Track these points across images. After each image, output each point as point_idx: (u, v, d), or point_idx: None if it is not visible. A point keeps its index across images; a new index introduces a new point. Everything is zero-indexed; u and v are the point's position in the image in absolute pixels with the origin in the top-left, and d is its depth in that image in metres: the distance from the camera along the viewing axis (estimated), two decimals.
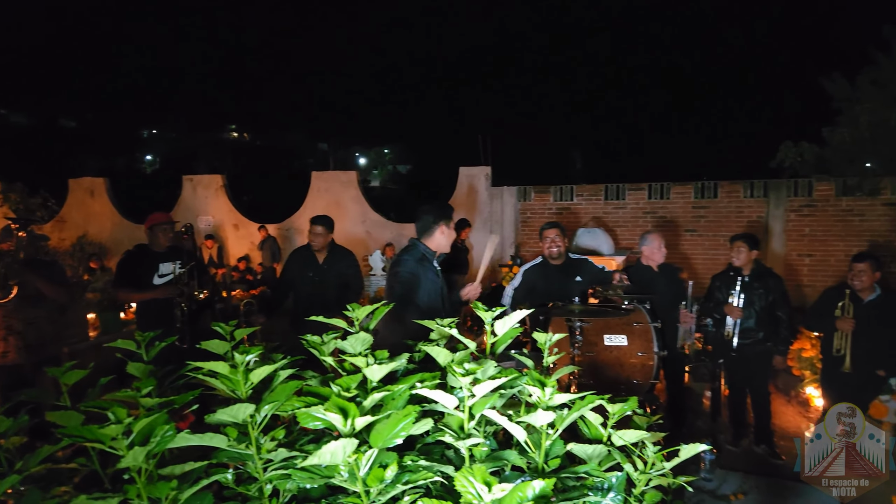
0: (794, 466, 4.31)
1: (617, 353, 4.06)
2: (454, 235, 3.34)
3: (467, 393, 1.06)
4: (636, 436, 1.18)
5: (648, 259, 4.81)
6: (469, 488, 0.86)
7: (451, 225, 3.31)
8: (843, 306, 4.24)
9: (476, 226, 10.54)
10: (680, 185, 9.91)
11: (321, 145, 18.77)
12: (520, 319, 1.38)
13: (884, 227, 8.94)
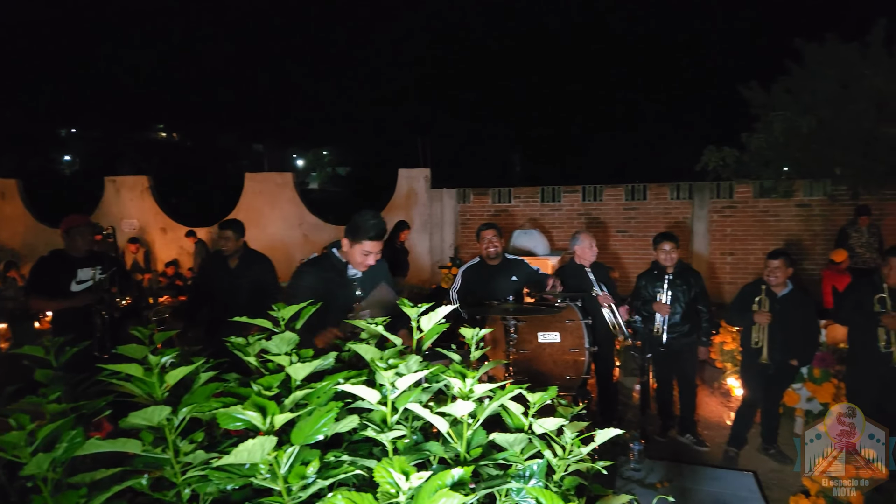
0: (718, 453, 4.59)
1: (550, 349, 4.17)
2: (358, 257, 2.98)
3: (390, 387, 1.07)
4: (555, 423, 1.22)
5: (580, 258, 4.96)
6: (388, 479, 0.87)
7: (354, 246, 2.96)
8: (759, 301, 4.49)
9: (416, 228, 10.56)
10: (612, 187, 10.27)
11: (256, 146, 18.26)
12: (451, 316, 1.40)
13: (797, 227, 9.58)
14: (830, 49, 9.39)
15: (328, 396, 1.13)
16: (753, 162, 9.97)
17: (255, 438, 0.91)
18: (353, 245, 2.97)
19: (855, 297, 4.16)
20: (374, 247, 2.98)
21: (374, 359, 1.14)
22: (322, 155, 30.00)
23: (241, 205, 11.77)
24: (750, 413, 4.59)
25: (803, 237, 9.53)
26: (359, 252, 2.96)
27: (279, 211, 11.55)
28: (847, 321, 4.27)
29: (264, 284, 4.49)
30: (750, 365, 4.55)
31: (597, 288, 4.80)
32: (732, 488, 3.89)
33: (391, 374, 1.05)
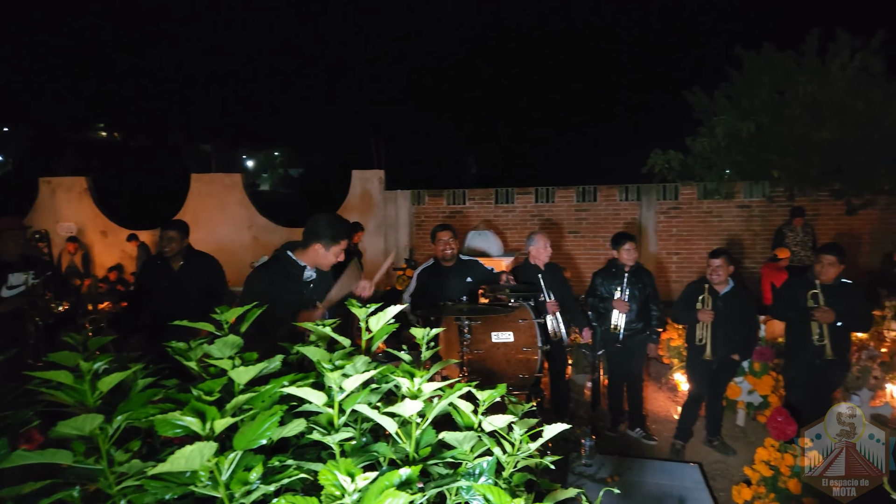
0: (666, 446, 4.73)
1: (504, 349, 4.20)
2: (332, 258, 3.03)
3: (337, 389, 1.05)
4: (504, 420, 1.22)
5: (535, 258, 5.02)
6: (333, 481, 0.85)
7: (331, 248, 3.00)
8: (702, 299, 4.64)
9: (370, 229, 10.48)
10: (563, 189, 10.46)
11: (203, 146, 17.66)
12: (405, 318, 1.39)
13: (737, 227, 9.99)
14: (767, 57, 9.84)
15: (272, 400, 1.10)
16: (697, 165, 10.35)
17: (194, 444, 0.88)
18: (331, 247, 3.00)
19: (790, 293, 4.36)
20: (345, 244, 3.09)
21: (320, 360, 1.11)
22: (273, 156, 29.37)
23: (187, 207, 11.41)
24: (695, 407, 4.74)
25: (743, 236, 9.95)
26: (335, 253, 3.03)
27: (228, 213, 11.25)
28: (782, 316, 4.47)
29: (211, 286, 4.34)
30: (695, 361, 4.70)
31: (545, 294, 4.86)
32: (679, 480, 4.02)
33: (337, 375, 1.03)
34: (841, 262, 4.14)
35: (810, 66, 9.38)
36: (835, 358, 4.11)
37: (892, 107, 8.91)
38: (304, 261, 3.04)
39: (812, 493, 3.69)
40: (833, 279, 4.15)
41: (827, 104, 9.08)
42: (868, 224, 9.61)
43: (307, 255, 3.04)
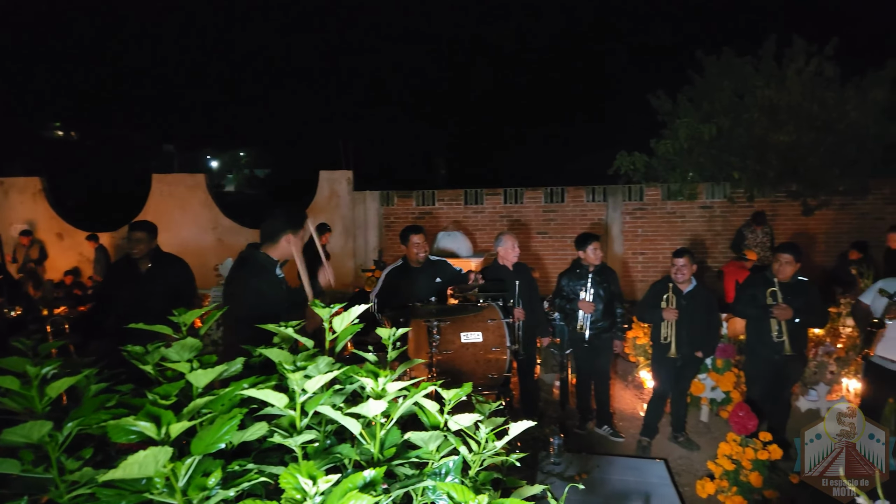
0: (633, 443, 4.80)
1: (473, 349, 4.19)
2: (300, 244, 3.08)
3: (298, 390, 1.03)
4: (470, 419, 1.22)
5: (503, 259, 5.05)
6: (294, 484, 0.83)
7: (299, 234, 3.09)
8: (667, 298, 4.73)
9: (338, 230, 10.39)
10: (532, 190, 10.55)
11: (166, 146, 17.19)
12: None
13: (700, 227, 10.23)
14: (727, 62, 10.12)
15: (232, 403, 1.07)
16: (661, 166, 10.57)
17: (148, 449, 0.85)
18: (299, 233, 3.05)
19: (750, 291, 4.47)
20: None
21: (281, 361, 1.09)
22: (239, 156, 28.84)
23: (149, 208, 11.12)
24: (660, 404, 4.83)
25: (706, 236, 10.19)
26: (302, 238, 3.07)
27: (191, 214, 11.00)
28: (743, 314, 4.59)
29: (180, 289, 4.23)
30: (660, 358, 4.78)
31: (516, 296, 4.88)
32: (645, 476, 4.08)
33: (299, 376, 1.01)
34: (797, 261, 4.27)
35: (768, 70, 9.69)
36: (793, 353, 4.24)
37: (845, 111, 9.26)
38: (276, 256, 3.04)
39: (773, 485, 3.80)
40: (790, 277, 4.28)
41: (784, 108, 9.38)
42: (823, 224, 9.95)
43: (278, 250, 3.04)
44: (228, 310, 3.02)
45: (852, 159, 9.56)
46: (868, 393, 4.26)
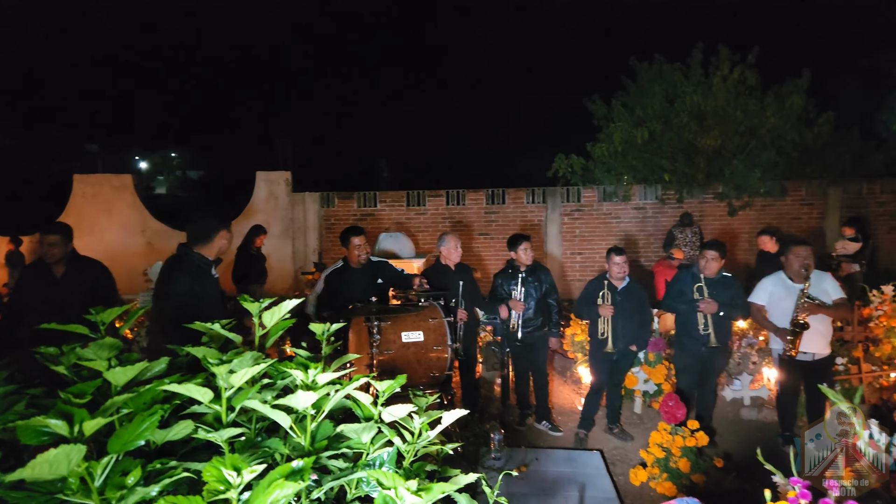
0: (571, 436, 4.92)
1: (414, 348, 4.20)
2: (229, 238, 3.07)
3: (224, 384, 1.01)
4: (404, 410, 1.23)
5: (446, 259, 5.08)
6: (217, 477, 0.82)
7: (230, 229, 3.08)
8: (603, 295, 4.88)
9: (277, 232, 10.16)
10: (474, 191, 10.66)
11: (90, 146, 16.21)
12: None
13: (634, 227, 10.62)
14: (658, 68, 10.57)
15: (154, 400, 1.04)
16: (597, 169, 10.91)
17: (59, 448, 0.81)
18: (227, 229, 3.04)
19: (678, 287, 4.69)
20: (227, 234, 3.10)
21: (205, 356, 1.06)
22: (170, 157, 27.68)
23: (70, 210, 10.52)
24: (596, 397, 4.98)
25: (639, 236, 10.59)
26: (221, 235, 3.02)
27: (117, 217, 10.48)
28: (672, 308, 4.80)
29: (98, 293, 4.00)
30: (597, 353, 4.92)
31: (459, 295, 4.92)
32: (582, 467, 4.20)
33: (224, 370, 0.99)
34: (722, 258, 4.51)
35: (695, 77, 10.18)
36: (718, 345, 4.47)
37: (766, 117, 9.85)
38: (210, 256, 2.96)
39: (700, 470, 3.99)
40: (715, 273, 4.51)
41: (710, 113, 9.88)
42: (747, 223, 10.53)
43: (212, 248, 2.96)
44: (159, 311, 2.92)
45: (772, 162, 10.18)
46: (784, 382, 4.54)
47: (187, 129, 25.23)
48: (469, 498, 1.33)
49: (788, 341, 4.27)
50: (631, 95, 10.98)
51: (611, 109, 11.01)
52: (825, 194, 10.39)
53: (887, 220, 10.30)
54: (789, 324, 4.28)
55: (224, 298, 2.96)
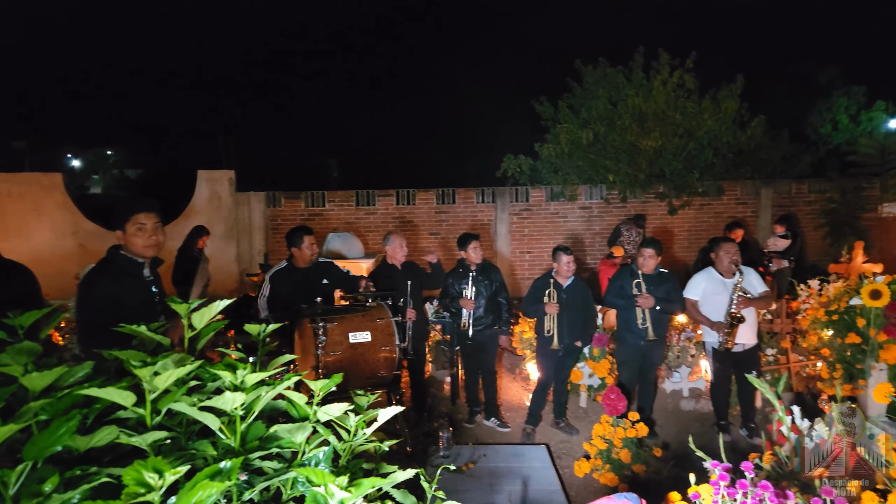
0: (519, 432, 5.01)
1: (362, 349, 4.18)
2: (142, 236, 2.78)
3: (148, 386, 0.98)
4: (339, 408, 1.23)
5: (392, 258, 5.08)
6: (138, 479, 0.80)
7: (128, 228, 2.76)
8: (549, 293, 4.99)
9: (220, 233, 9.87)
10: (424, 191, 10.67)
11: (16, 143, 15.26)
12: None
13: (580, 227, 10.88)
14: (602, 71, 10.86)
15: (73, 405, 1.01)
16: (545, 169, 11.12)
17: None
18: (126, 226, 2.74)
19: (618, 283, 4.84)
20: (147, 218, 2.76)
21: (128, 358, 1.04)
22: (105, 155, 26.44)
23: None
24: (543, 393, 5.08)
25: (585, 235, 10.85)
26: (132, 233, 2.74)
27: (47, 218, 9.94)
28: (612, 304, 4.95)
29: (21, 299, 3.78)
30: (543, 350, 5.03)
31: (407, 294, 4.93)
32: (529, 461, 4.29)
33: (147, 372, 0.97)
34: (658, 255, 4.69)
35: (637, 80, 10.51)
36: (656, 338, 4.65)
37: (703, 119, 10.26)
38: (131, 253, 2.81)
39: (640, 460, 4.13)
40: (653, 269, 4.69)
41: (651, 116, 10.23)
42: (686, 222, 10.95)
43: (129, 242, 2.78)
44: (83, 317, 2.78)
45: (709, 163, 10.64)
46: (717, 373, 4.77)
47: (125, 125, 24.20)
48: (406, 494, 1.34)
49: (726, 334, 4.48)
50: (577, 98, 11.24)
51: (557, 111, 11.24)
52: (758, 194, 10.91)
53: (814, 218, 10.91)
54: (726, 317, 4.50)
55: (161, 301, 2.83)
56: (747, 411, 4.79)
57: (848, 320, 4.29)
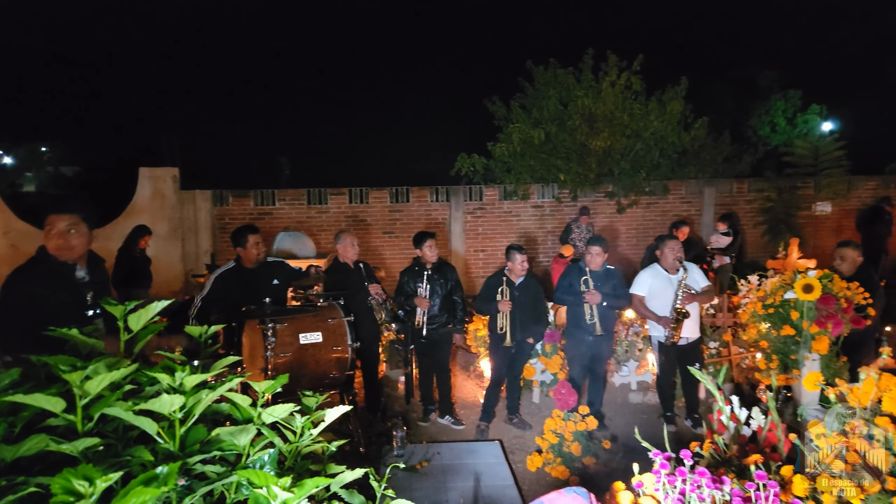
0: (473, 429, 5.04)
1: (313, 350, 4.12)
2: (61, 238, 2.69)
3: (78, 391, 0.94)
4: (284, 410, 1.21)
5: (343, 256, 5.03)
6: (66, 488, 0.77)
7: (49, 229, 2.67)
8: (501, 290, 5.03)
9: (164, 233, 9.53)
10: (377, 190, 10.59)
11: None
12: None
13: (533, 225, 11.04)
14: (553, 72, 11.05)
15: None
16: (498, 168, 11.23)
17: None
18: (47, 228, 2.66)
19: (567, 280, 4.94)
20: (59, 220, 2.66)
21: (57, 363, 0.99)
22: (39, 151, 25.08)
23: None
24: (496, 390, 5.13)
25: (538, 234, 11.02)
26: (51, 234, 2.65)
27: None
28: (561, 301, 5.05)
29: None
30: (496, 347, 5.07)
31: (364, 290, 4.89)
32: (483, 458, 4.32)
33: (77, 377, 0.93)
34: (605, 252, 4.81)
35: (587, 82, 10.75)
36: (603, 333, 4.76)
37: (650, 120, 10.58)
38: (63, 253, 2.68)
39: (590, 452, 4.23)
40: (600, 266, 4.80)
41: (600, 116, 10.47)
42: (634, 221, 11.26)
43: (49, 242, 2.67)
44: (3, 320, 2.62)
45: (655, 163, 10.98)
46: (663, 366, 4.93)
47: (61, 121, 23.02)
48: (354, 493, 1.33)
49: (672, 329, 4.64)
50: (528, 98, 11.40)
51: (510, 111, 11.37)
52: (701, 193, 11.33)
53: (754, 216, 11.41)
54: (671, 312, 4.65)
55: (95, 303, 2.69)
56: (691, 402, 4.97)
57: (783, 313, 4.50)
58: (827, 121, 16.95)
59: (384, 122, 19.69)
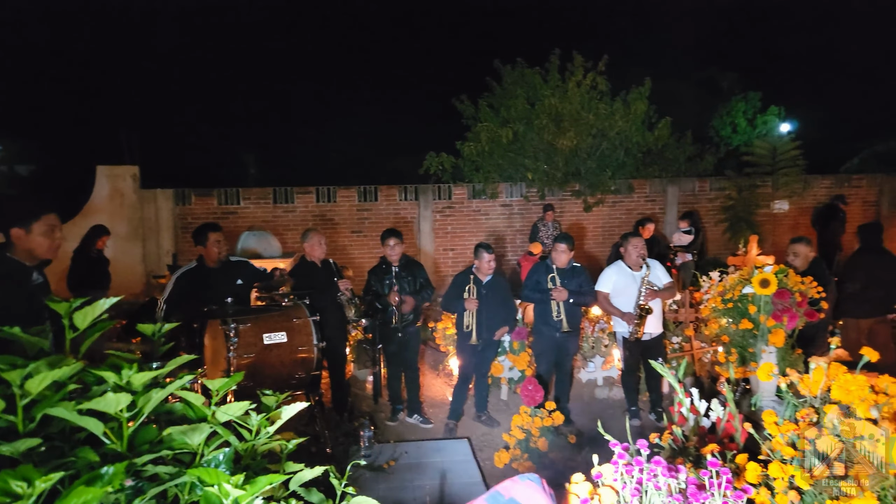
0: (441, 428, 5.04)
1: (278, 350, 4.06)
2: (49, 237, 2.65)
3: (18, 391, 0.91)
4: (239, 408, 1.19)
5: (310, 255, 4.98)
6: (4, 490, 0.74)
7: (32, 227, 2.61)
8: (468, 289, 5.05)
9: (124, 233, 9.27)
10: (345, 188, 10.51)
11: None
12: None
13: (501, 223, 11.10)
14: (520, 71, 11.13)
15: None
16: (466, 167, 11.26)
17: None
18: (32, 226, 2.59)
19: (535, 277, 4.99)
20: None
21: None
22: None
23: None
24: (464, 388, 5.14)
25: (506, 232, 11.09)
26: (38, 232, 2.60)
27: None
28: (529, 298, 5.10)
29: None
30: (463, 345, 5.09)
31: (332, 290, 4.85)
32: (451, 455, 4.33)
33: (16, 375, 0.90)
34: (571, 249, 4.86)
35: (554, 81, 10.86)
36: (570, 330, 4.82)
37: (615, 120, 10.74)
38: (25, 258, 2.59)
39: (557, 447, 4.28)
40: (566, 264, 4.86)
41: (567, 116, 10.59)
42: (600, 219, 11.43)
43: (19, 251, 2.58)
44: None
45: (621, 163, 11.17)
46: (627, 361, 5.02)
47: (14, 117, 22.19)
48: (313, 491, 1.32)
49: (635, 325, 4.72)
50: (496, 97, 11.46)
51: (478, 110, 11.41)
52: (665, 191, 11.56)
53: (715, 214, 11.70)
54: (635, 309, 4.74)
55: None
56: (655, 397, 5.06)
57: (741, 308, 4.62)
58: (785, 122, 17.49)
59: (352, 120, 19.53)
